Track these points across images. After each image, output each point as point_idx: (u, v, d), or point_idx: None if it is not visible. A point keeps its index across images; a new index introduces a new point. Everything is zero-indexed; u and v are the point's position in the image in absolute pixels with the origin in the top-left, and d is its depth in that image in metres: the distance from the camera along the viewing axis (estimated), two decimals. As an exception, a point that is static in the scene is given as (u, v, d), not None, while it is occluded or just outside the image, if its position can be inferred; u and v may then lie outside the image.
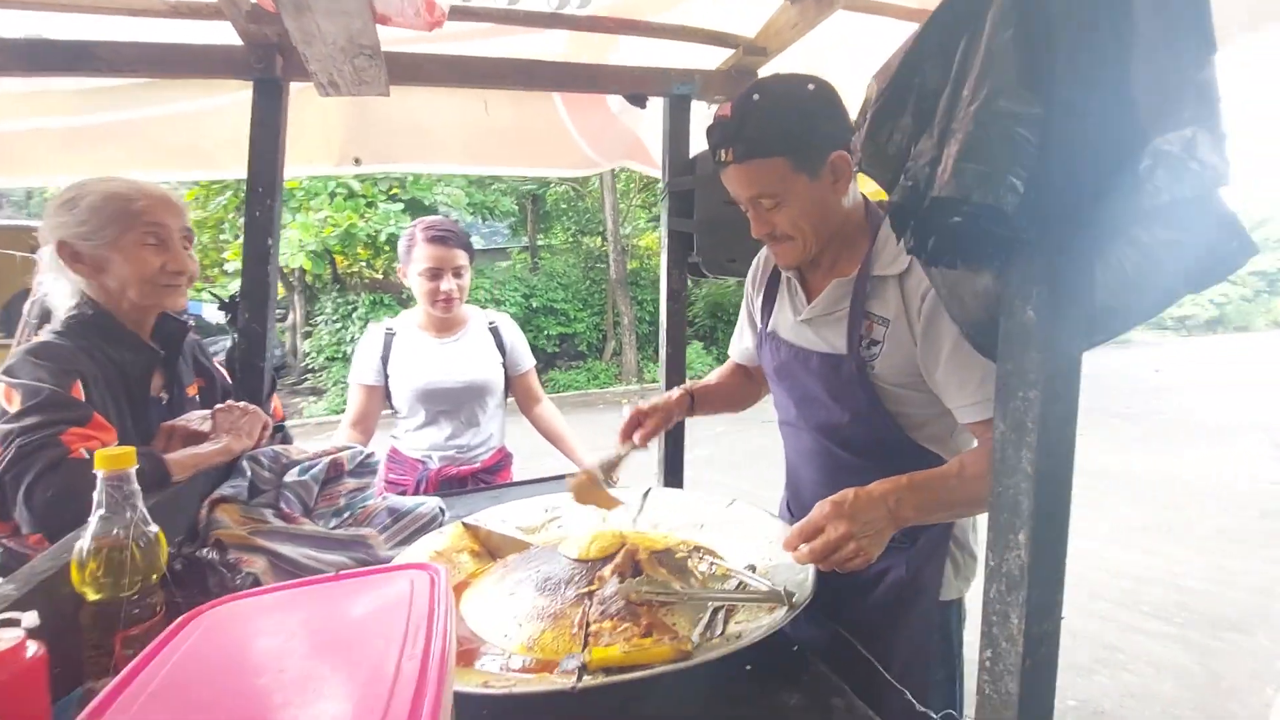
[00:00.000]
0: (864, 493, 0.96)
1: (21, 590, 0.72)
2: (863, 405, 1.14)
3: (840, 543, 0.92)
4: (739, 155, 1.06)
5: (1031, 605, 0.71)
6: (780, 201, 1.09)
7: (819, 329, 1.20)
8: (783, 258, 1.19)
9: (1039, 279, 0.68)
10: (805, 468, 1.31)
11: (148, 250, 1.20)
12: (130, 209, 1.18)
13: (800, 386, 1.24)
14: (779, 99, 1.05)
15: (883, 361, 1.11)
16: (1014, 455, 0.72)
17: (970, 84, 0.65)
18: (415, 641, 0.63)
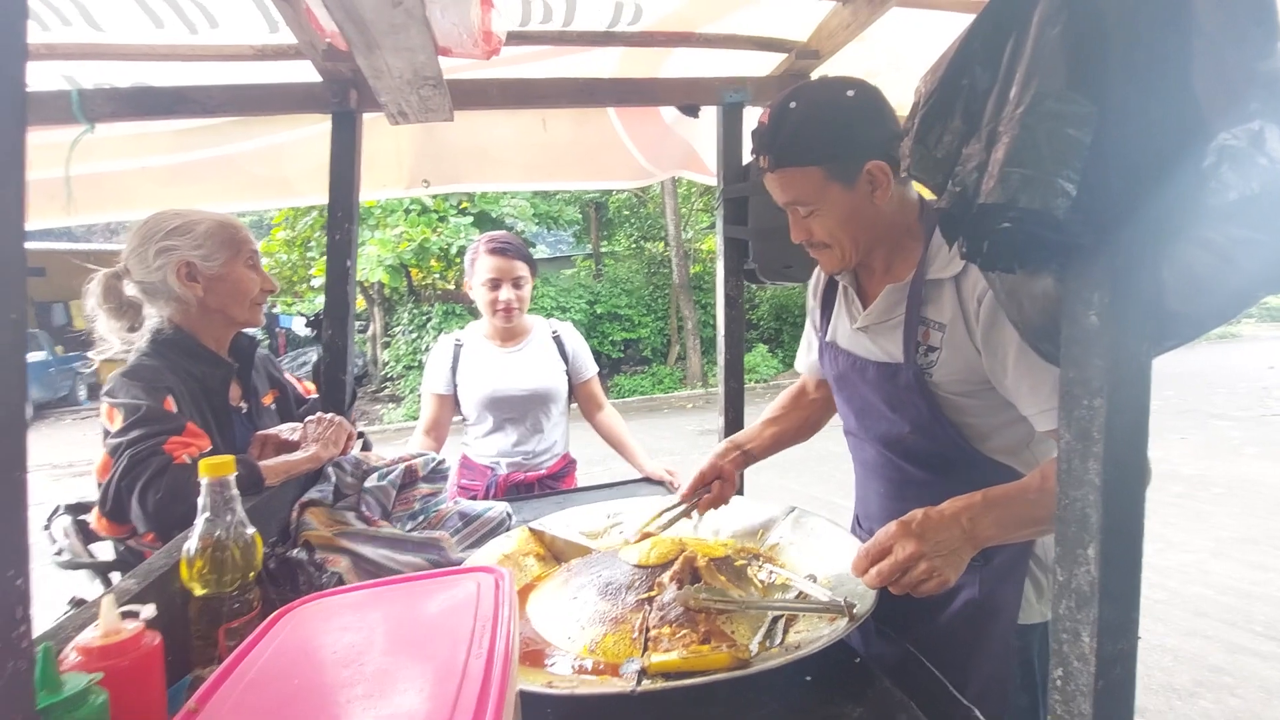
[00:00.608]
0: (935, 512, 0.92)
1: (140, 585, 0.81)
2: (923, 416, 1.10)
3: (908, 563, 0.88)
4: (773, 163, 1.06)
5: (1104, 623, 0.69)
6: (815, 210, 1.07)
7: (875, 337, 1.17)
8: (823, 264, 1.17)
9: (1100, 283, 0.66)
10: (872, 480, 1.28)
11: (250, 272, 1.37)
12: (237, 236, 1.35)
13: (859, 397, 1.21)
14: (816, 107, 1.03)
15: (941, 369, 1.07)
16: (1080, 466, 0.69)
17: (1017, 85, 0.64)
18: (481, 641, 0.67)
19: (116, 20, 1.34)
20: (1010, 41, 0.68)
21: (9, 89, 0.48)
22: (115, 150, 1.77)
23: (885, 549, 0.91)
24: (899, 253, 1.14)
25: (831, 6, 1.50)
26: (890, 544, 0.91)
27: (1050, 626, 0.73)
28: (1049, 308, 0.78)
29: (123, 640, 0.65)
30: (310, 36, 1.36)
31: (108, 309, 1.32)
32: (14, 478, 0.49)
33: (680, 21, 1.57)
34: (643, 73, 1.76)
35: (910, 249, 1.12)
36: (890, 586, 0.91)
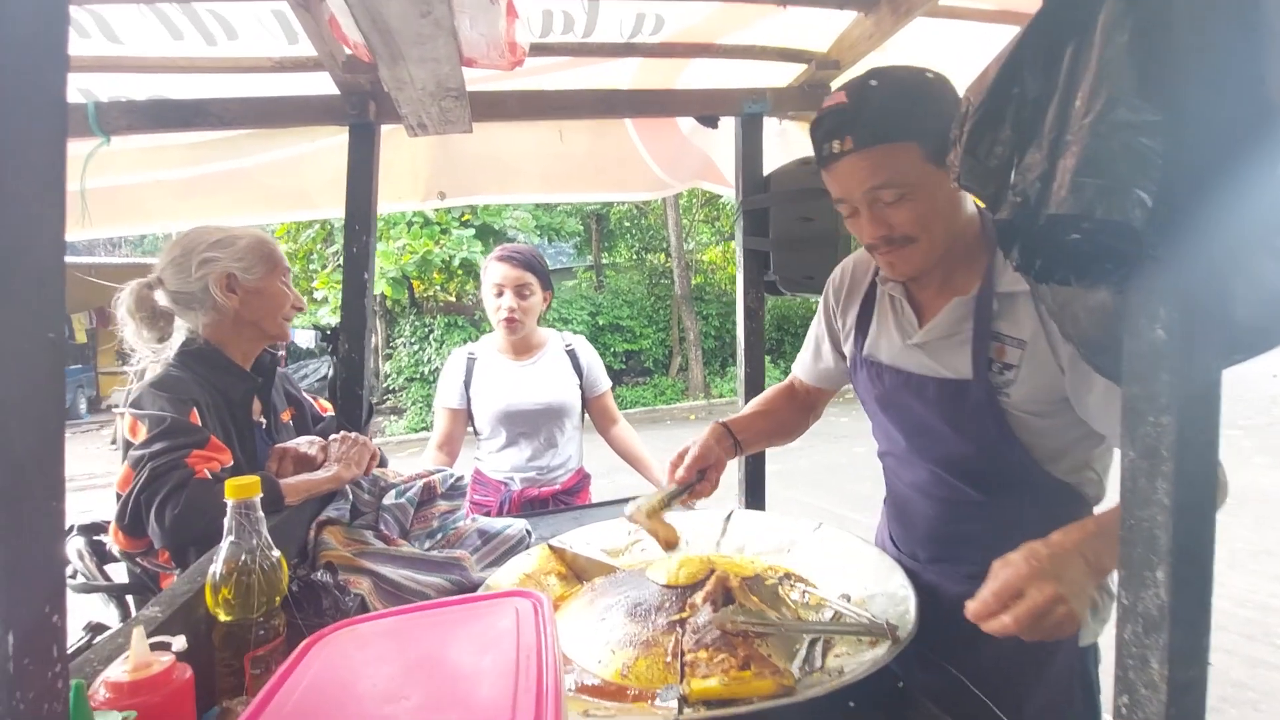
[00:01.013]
0: (1057, 546, 0.81)
1: (166, 613, 0.78)
2: (992, 435, 1.03)
3: (1049, 606, 0.76)
4: (860, 141, 0.95)
5: (1174, 649, 0.66)
6: (906, 194, 0.96)
7: (936, 353, 1.09)
8: (899, 265, 1.05)
9: (1168, 296, 0.64)
10: (919, 502, 1.20)
11: (284, 288, 1.40)
12: (274, 253, 1.39)
13: (913, 417, 1.13)
14: (901, 83, 0.96)
15: (1020, 387, 1.00)
16: (1148, 485, 0.67)
17: (1083, 94, 0.62)
18: (528, 673, 0.64)
19: (135, 33, 1.33)
20: (1069, 49, 0.66)
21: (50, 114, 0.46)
22: (130, 163, 1.76)
23: (1016, 590, 0.79)
24: (962, 263, 1.07)
25: (854, 17, 1.49)
26: (1023, 584, 0.78)
27: (1116, 652, 0.70)
28: (1106, 321, 0.76)
29: (154, 675, 0.62)
30: (331, 48, 1.35)
31: (140, 319, 1.34)
32: (52, 507, 0.47)
33: (701, 32, 1.57)
34: (660, 84, 1.75)
35: (975, 260, 1.06)
36: (1024, 634, 0.78)
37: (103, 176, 1.63)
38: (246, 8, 1.32)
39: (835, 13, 1.48)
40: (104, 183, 1.68)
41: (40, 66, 0.46)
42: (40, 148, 0.46)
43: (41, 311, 0.45)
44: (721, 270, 13.53)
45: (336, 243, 9.50)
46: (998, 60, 0.75)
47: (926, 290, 1.13)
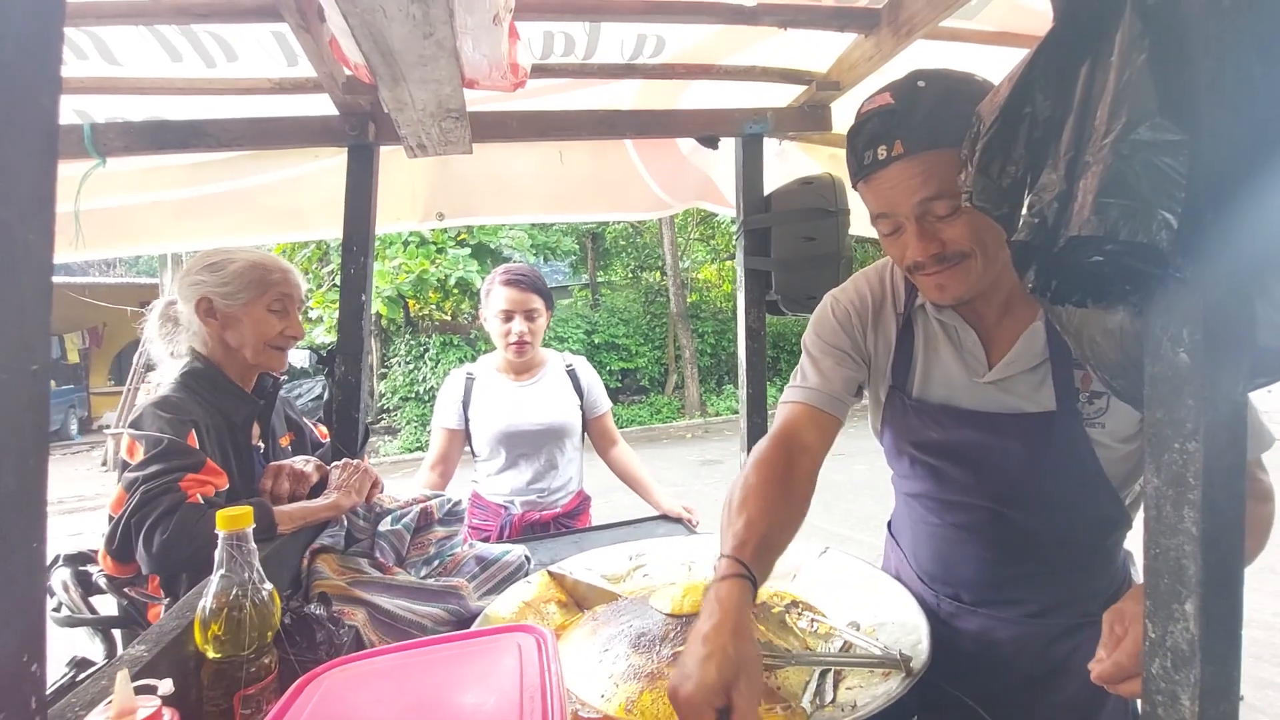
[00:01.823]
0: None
1: (152, 651, 0.74)
2: (1073, 467, 0.95)
3: None
4: (912, 146, 0.86)
5: (1206, 685, 0.63)
6: (959, 205, 0.87)
7: (1012, 387, 0.98)
8: (950, 286, 0.93)
9: (1191, 319, 0.62)
10: (970, 544, 1.10)
11: (273, 316, 1.35)
12: (268, 278, 1.35)
13: (981, 455, 1.02)
14: (952, 83, 0.87)
15: (1115, 415, 0.92)
16: (1174, 514, 0.65)
17: (1103, 114, 0.61)
18: (531, 714, 0.61)
19: (134, 55, 1.32)
20: (1084, 69, 0.65)
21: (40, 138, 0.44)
22: (125, 185, 1.74)
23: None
24: (1019, 287, 0.93)
25: (854, 39, 1.49)
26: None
27: (1144, 687, 0.67)
28: (1124, 343, 0.74)
29: (138, 722, 0.59)
30: (331, 69, 1.34)
31: (163, 334, 1.36)
32: (31, 550, 0.44)
33: (702, 54, 1.57)
34: (661, 105, 1.75)
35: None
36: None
37: (98, 198, 1.62)
38: (246, 29, 1.31)
39: (836, 35, 1.49)
40: (99, 204, 1.67)
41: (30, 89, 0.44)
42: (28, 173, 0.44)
43: (24, 342, 0.43)
44: (717, 288, 13.58)
45: (332, 262, 9.50)
46: (1009, 79, 0.74)
47: (985, 318, 1.01)
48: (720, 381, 12.56)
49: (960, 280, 0.92)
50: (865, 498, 5.56)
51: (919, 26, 1.34)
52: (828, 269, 1.59)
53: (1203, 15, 0.57)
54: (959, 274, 0.92)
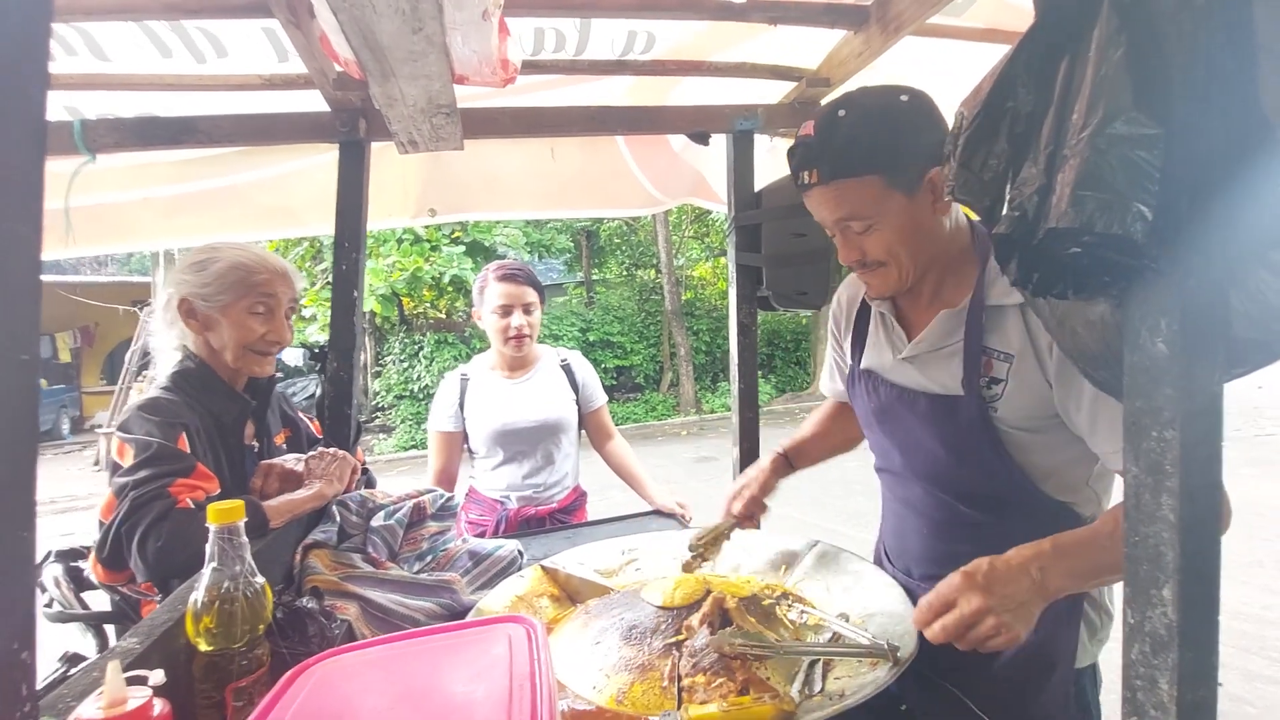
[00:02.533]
0: (1001, 562, 0.85)
1: (144, 644, 0.75)
2: (984, 453, 1.02)
3: (975, 619, 0.82)
4: (825, 175, 0.97)
5: (1184, 669, 0.65)
6: (872, 224, 0.99)
7: (925, 367, 1.09)
8: (874, 288, 1.09)
9: (1168, 309, 0.63)
10: (912, 519, 1.19)
11: (254, 319, 1.30)
12: (250, 279, 1.30)
13: (905, 432, 1.13)
14: (868, 112, 0.97)
15: (1007, 402, 0.99)
16: (1152, 501, 0.66)
17: (1080, 108, 0.62)
18: (521, 704, 0.62)
19: (124, 51, 1.32)
20: (1064, 64, 0.66)
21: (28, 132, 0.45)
22: (116, 181, 1.73)
23: (949, 602, 0.85)
24: (951, 276, 1.07)
25: (843, 35, 1.50)
26: (954, 597, 0.84)
27: (1123, 672, 0.68)
28: (1106, 335, 0.75)
29: (130, 712, 0.59)
30: (321, 65, 1.34)
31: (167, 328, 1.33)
32: (21, 538, 0.45)
33: (692, 50, 1.57)
34: (652, 101, 1.76)
35: (964, 273, 1.06)
36: (957, 642, 0.84)
37: (88, 195, 1.61)
38: (237, 25, 1.31)
39: (825, 31, 1.49)
40: (89, 201, 1.66)
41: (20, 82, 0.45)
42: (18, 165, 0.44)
43: (14, 331, 0.43)
44: (711, 286, 13.60)
45: (325, 260, 9.44)
46: (991, 75, 0.75)
47: (916, 304, 1.13)
48: (715, 379, 12.58)
49: (881, 282, 1.07)
50: (856, 494, 5.58)
51: (907, 23, 1.35)
52: (818, 264, 1.60)
53: (1176, 11, 0.58)
54: (879, 277, 1.06)
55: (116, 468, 1.14)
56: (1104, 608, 1.10)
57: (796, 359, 13.42)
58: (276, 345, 1.34)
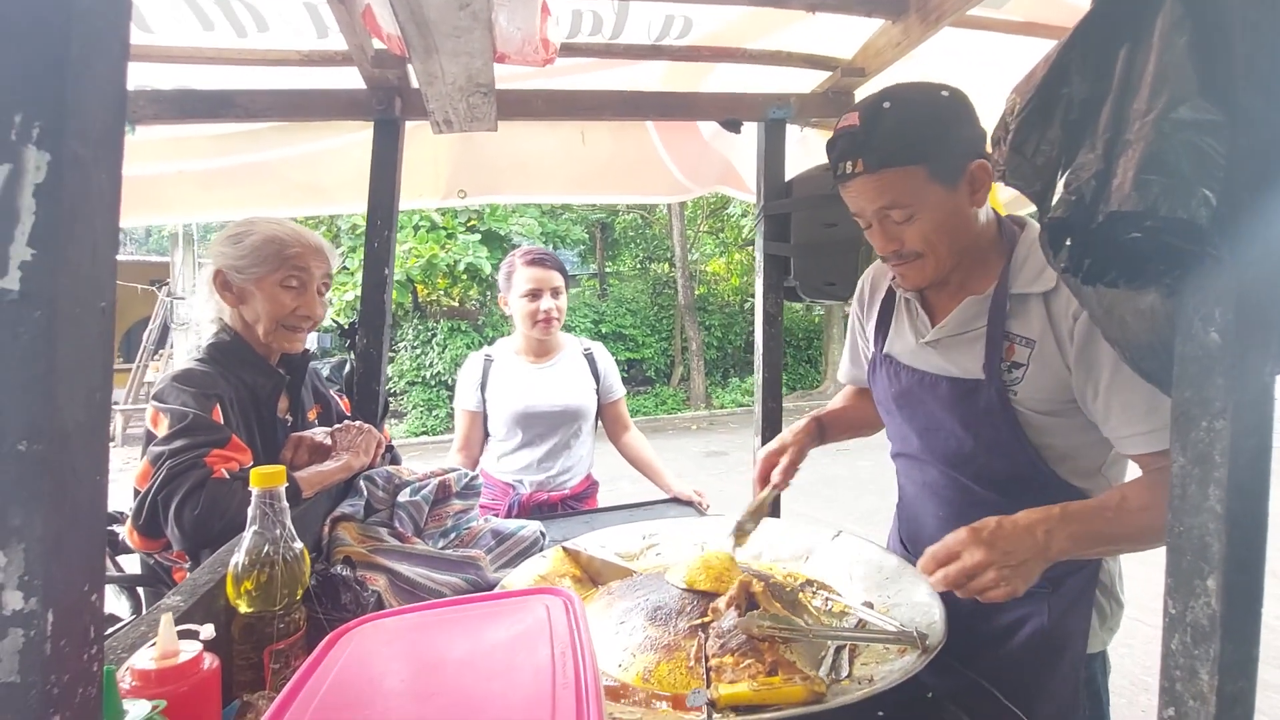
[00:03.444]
0: (1009, 521, 0.90)
1: (188, 602, 0.76)
2: (1003, 435, 1.05)
3: (975, 570, 0.87)
4: (870, 165, 0.99)
5: (1225, 660, 0.65)
6: (913, 214, 1.01)
7: (948, 352, 1.12)
8: (908, 278, 1.11)
9: (1223, 299, 0.63)
10: (928, 502, 1.22)
11: (287, 293, 1.31)
12: (284, 253, 1.30)
13: (925, 415, 1.16)
14: (913, 105, 0.99)
15: (1027, 386, 1.02)
16: (1199, 492, 0.65)
17: (1144, 94, 0.62)
18: (565, 670, 0.62)
19: (167, 22, 1.33)
20: (1123, 51, 0.66)
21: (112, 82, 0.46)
22: (153, 153, 1.75)
23: (953, 553, 0.90)
24: (979, 266, 1.10)
25: (880, 24, 1.49)
26: (959, 549, 0.89)
27: (1162, 663, 0.68)
28: (1156, 324, 0.74)
29: (181, 664, 0.60)
30: (361, 41, 1.35)
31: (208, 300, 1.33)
32: (96, 482, 0.45)
33: (728, 37, 1.57)
34: (685, 88, 1.75)
35: (991, 262, 1.09)
36: (957, 591, 0.90)
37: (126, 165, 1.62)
38: (279, -1, 1.31)
39: (862, 20, 1.48)
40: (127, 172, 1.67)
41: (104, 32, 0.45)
42: (102, 114, 0.45)
43: (95, 278, 0.44)
44: (725, 281, 13.56)
45: (342, 244, 9.49)
46: (1045, 61, 0.74)
47: (941, 293, 1.15)
48: (726, 374, 12.56)
49: (916, 273, 1.08)
50: (868, 493, 5.56)
51: (948, 13, 1.33)
52: (847, 255, 1.60)
53: (1241, 2, 0.58)
54: (914, 269, 1.08)
55: (151, 437, 1.16)
56: (1115, 596, 1.13)
57: (808, 357, 13.37)
58: (308, 320, 1.35)
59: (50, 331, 0.41)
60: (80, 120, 0.42)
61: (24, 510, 0.41)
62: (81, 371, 0.44)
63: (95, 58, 0.44)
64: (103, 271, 0.45)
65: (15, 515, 0.41)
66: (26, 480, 0.41)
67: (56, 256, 0.41)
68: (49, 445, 0.42)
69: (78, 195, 0.42)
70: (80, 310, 0.43)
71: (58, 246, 0.41)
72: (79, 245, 0.43)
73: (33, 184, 0.41)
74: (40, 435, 0.41)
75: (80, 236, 0.43)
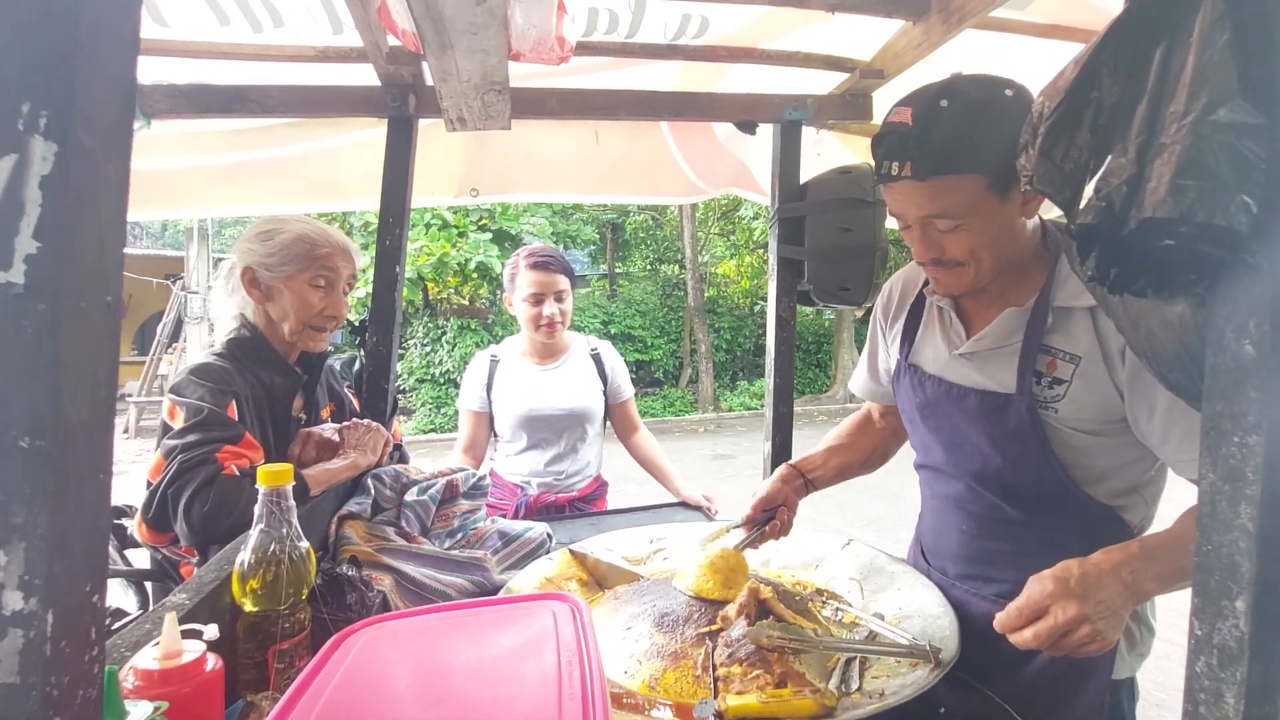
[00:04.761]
0: (1092, 566, 0.82)
1: (193, 600, 0.76)
2: (1031, 452, 1.00)
3: (1071, 625, 0.79)
4: (920, 171, 0.91)
5: (1253, 683, 0.62)
6: (961, 225, 0.94)
7: (982, 364, 1.06)
8: (944, 285, 1.04)
9: (1258, 309, 0.60)
10: (952, 516, 1.17)
11: (315, 292, 1.31)
12: (314, 253, 1.30)
13: (951, 428, 1.11)
14: (975, 106, 0.90)
15: (1069, 404, 0.97)
16: (1229, 509, 0.63)
17: (1181, 96, 0.59)
18: (571, 680, 0.61)
19: (183, 17, 1.33)
20: (1159, 52, 0.64)
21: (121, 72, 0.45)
22: (168, 147, 1.76)
23: (1040, 608, 0.81)
24: (1021, 277, 1.03)
25: (901, 25, 1.47)
26: (1047, 603, 0.81)
27: (1186, 685, 0.66)
28: (1184, 336, 0.72)
29: (185, 665, 0.60)
30: (376, 37, 1.34)
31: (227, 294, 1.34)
32: (99, 480, 0.45)
33: (745, 37, 1.55)
34: (700, 88, 1.74)
35: (1033, 273, 1.03)
36: (1047, 649, 0.82)
37: (140, 160, 1.63)
38: (296, -6, 1.31)
39: (882, 21, 1.46)
40: (141, 166, 1.68)
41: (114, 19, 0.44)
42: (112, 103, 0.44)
43: (102, 273, 0.43)
44: (735, 284, 13.52)
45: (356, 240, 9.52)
46: (1075, 63, 0.72)
47: (978, 302, 1.10)
48: (734, 377, 12.53)
49: (955, 282, 1.02)
50: (876, 499, 5.52)
51: (970, 15, 1.31)
52: (862, 260, 1.58)
53: (1287, -2, 0.55)
54: (954, 276, 1.02)
55: (167, 428, 1.16)
56: (1145, 621, 1.09)
57: (817, 361, 13.31)
58: (333, 321, 1.35)
59: (55, 325, 0.40)
60: (88, 110, 0.41)
61: (26, 508, 0.40)
62: (86, 366, 0.43)
63: (104, 46, 0.43)
64: (109, 265, 0.44)
65: (17, 513, 0.40)
66: (29, 477, 0.40)
67: (62, 249, 0.40)
68: (52, 441, 0.41)
69: (85, 187, 0.41)
70: (86, 304, 0.42)
71: (64, 239, 0.40)
72: (85, 238, 0.42)
73: (39, 175, 0.40)
74: (43, 431, 0.40)
75: (87, 229, 0.42)
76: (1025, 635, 0.82)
